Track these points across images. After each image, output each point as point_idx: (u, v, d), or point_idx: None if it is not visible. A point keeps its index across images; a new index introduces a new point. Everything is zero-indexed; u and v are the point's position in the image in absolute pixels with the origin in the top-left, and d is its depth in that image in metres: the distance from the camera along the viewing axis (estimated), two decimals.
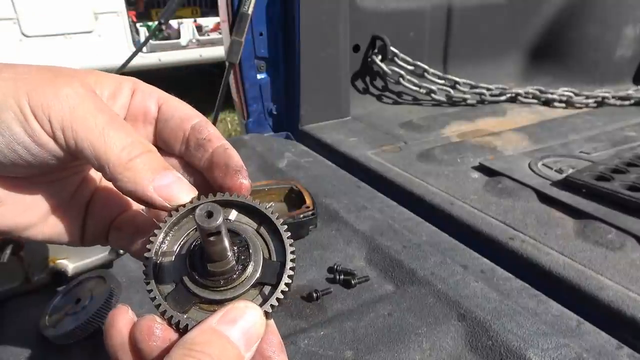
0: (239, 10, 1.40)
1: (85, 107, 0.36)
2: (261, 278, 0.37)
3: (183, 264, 0.37)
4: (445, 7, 1.78)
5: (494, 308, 0.71)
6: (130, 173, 0.36)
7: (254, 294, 0.37)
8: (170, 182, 0.38)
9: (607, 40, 1.89)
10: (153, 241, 0.37)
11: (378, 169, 1.23)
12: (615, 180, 1.02)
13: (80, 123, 0.36)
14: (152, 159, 0.38)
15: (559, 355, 0.63)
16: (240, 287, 0.36)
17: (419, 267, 0.81)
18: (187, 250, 0.37)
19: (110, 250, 0.80)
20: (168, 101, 0.44)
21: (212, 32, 4.75)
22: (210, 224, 0.31)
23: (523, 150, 1.29)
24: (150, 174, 0.37)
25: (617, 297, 0.74)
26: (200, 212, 0.32)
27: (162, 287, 0.37)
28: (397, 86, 1.78)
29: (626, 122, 1.52)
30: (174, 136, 0.43)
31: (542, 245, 0.88)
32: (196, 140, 0.42)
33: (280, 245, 0.38)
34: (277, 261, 0.37)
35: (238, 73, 1.53)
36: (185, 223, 0.39)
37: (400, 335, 0.68)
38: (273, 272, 0.37)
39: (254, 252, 0.37)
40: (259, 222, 0.39)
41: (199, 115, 0.44)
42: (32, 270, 0.74)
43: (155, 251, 0.37)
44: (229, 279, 0.36)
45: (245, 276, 0.36)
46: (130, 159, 0.36)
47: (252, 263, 0.37)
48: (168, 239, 0.38)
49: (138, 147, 0.37)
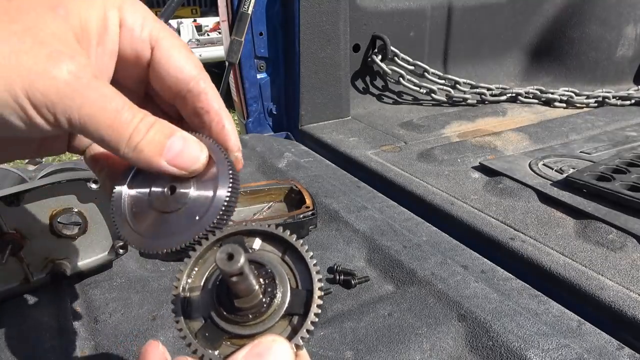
0: (238, 10, 1.39)
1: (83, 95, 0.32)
2: (290, 309, 0.36)
3: (210, 298, 0.37)
4: (445, 6, 1.78)
5: (494, 308, 0.71)
6: (141, 155, 0.35)
7: (284, 326, 0.36)
8: (180, 150, 0.36)
9: (607, 40, 1.89)
10: (179, 277, 0.37)
11: (378, 169, 1.22)
12: (616, 181, 1.02)
13: (85, 113, 0.33)
14: (156, 132, 0.36)
15: (560, 355, 0.63)
16: (269, 320, 0.36)
17: (419, 268, 0.81)
18: (213, 285, 0.37)
19: (110, 250, 0.80)
20: (160, 42, 0.38)
21: (211, 31, 4.76)
22: (232, 267, 0.31)
23: (523, 150, 1.29)
24: (159, 149, 0.36)
25: (617, 298, 0.74)
26: (221, 255, 0.31)
27: (191, 324, 0.36)
28: (397, 86, 1.78)
29: (627, 122, 1.52)
30: (167, 93, 0.40)
31: (543, 246, 0.88)
32: (193, 107, 0.40)
33: (306, 272, 0.37)
34: (304, 289, 0.37)
35: (238, 73, 1.53)
36: (209, 256, 0.39)
37: (401, 335, 0.68)
38: (301, 301, 0.36)
39: (280, 282, 0.37)
40: (284, 250, 0.39)
41: (196, 68, 0.39)
42: (31, 270, 0.74)
43: (183, 287, 0.37)
44: (257, 312, 0.35)
45: (273, 308, 0.36)
46: (137, 143, 0.35)
47: (280, 294, 0.36)
48: (194, 274, 0.38)
49: (141, 128, 0.35)
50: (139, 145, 0.35)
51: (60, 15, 0.33)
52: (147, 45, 0.38)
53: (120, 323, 0.71)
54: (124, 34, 0.37)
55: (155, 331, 0.69)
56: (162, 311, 0.73)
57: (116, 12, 0.36)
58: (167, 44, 0.38)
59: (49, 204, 0.72)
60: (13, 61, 0.30)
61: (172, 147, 0.36)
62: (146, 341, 0.42)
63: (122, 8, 0.37)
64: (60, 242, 0.75)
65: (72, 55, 0.32)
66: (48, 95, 0.31)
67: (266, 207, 1.04)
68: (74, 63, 0.32)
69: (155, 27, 0.38)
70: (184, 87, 0.39)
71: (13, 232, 0.70)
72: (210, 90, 0.39)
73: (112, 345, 0.67)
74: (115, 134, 0.34)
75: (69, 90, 0.31)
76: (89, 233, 0.76)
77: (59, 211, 0.73)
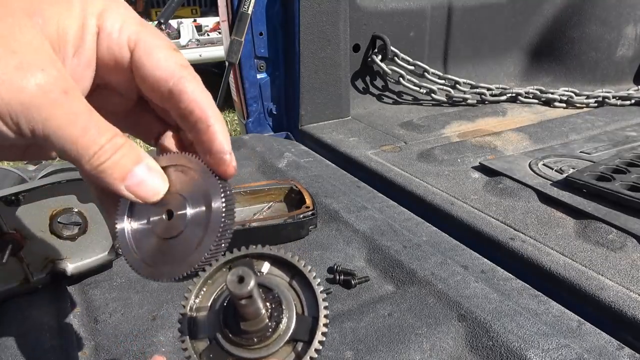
0: (238, 10, 1.39)
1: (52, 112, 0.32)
2: (294, 334, 0.36)
3: (217, 319, 0.37)
4: (445, 6, 1.78)
5: (494, 308, 0.71)
6: (102, 175, 0.35)
7: (288, 351, 0.36)
8: (141, 180, 0.36)
9: (607, 40, 1.89)
10: (187, 297, 0.37)
11: (378, 169, 1.22)
12: (616, 181, 1.02)
13: (50, 127, 0.32)
14: (122, 156, 0.35)
15: (560, 355, 0.63)
16: (274, 345, 0.36)
17: (419, 268, 0.81)
18: (220, 306, 0.37)
19: (110, 250, 0.80)
20: (139, 43, 0.37)
21: (211, 31, 4.75)
22: (242, 289, 0.31)
23: (523, 150, 1.29)
24: (122, 174, 0.35)
25: (617, 298, 0.74)
26: (232, 277, 0.32)
27: (196, 344, 0.37)
28: (397, 86, 1.78)
29: (627, 122, 1.52)
30: (153, 96, 0.38)
31: (543, 246, 0.88)
32: (176, 108, 0.38)
33: (313, 299, 0.38)
34: (310, 316, 0.37)
35: (238, 73, 1.53)
36: (218, 277, 0.39)
37: (401, 335, 0.68)
38: (306, 328, 0.36)
39: (286, 307, 0.37)
40: (292, 275, 0.39)
41: (176, 65, 0.37)
42: (31, 270, 0.74)
43: (190, 307, 0.37)
44: (262, 336, 0.36)
45: (278, 333, 0.36)
46: (100, 164, 0.34)
47: (285, 319, 0.37)
48: (202, 294, 0.38)
49: (107, 148, 0.34)
50: (102, 165, 0.34)
51: (38, 24, 0.32)
52: (125, 48, 0.37)
53: (120, 323, 0.71)
54: (102, 40, 0.36)
55: (155, 331, 0.69)
56: (162, 311, 0.73)
57: (94, 19, 0.35)
58: (146, 44, 0.37)
59: (49, 204, 0.72)
60: None
61: (135, 174, 0.36)
62: (146, 341, 0.42)
63: (102, 14, 0.36)
64: (60, 242, 0.75)
65: (43, 67, 0.31)
66: (12, 105, 0.30)
67: (266, 207, 1.04)
68: (43, 76, 0.31)
69: (134, 30, 0.37)
70: (164, 87, 0.37)
71: (13, 232, 0.70)
72: (192, 88, 0.37)
73: (112, 345, 0.67)
74: (79, 150, 0.33)
75: (34, 103, 0.31)
76: (89, 233, 0.76)
77: (59, 211, 0.73)
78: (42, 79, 0.31)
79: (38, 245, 0.73)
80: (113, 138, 0.34)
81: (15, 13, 0.32)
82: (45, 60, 0.32)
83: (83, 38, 0.35)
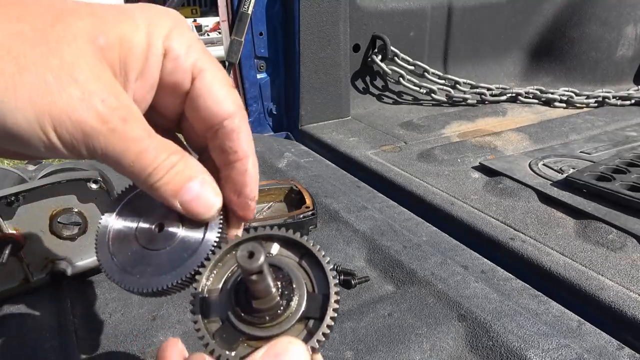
0: (238, 10, 1.39)
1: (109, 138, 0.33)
2: (306, 312, 0.37)
3: (228, 299, 0.37)
4: (445, 6, 1.78)
5: (494, 308, 0.71)
6: (156, 192, 0.36)
7: (300, 329, 0.36)
8: (195, 196, 0.37)
9: (608, 40, 1.89)
10: (199, 279, 0.38)
11: (378, 169, 1.22)
12: (616, 181, 1.02)
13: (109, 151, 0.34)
14: (176, 173, 0.36)
15: (560, 355, 0.63)
16: (286, 323, 0.36)
17: (419, 268, 0.81)
18: (232, 286, 0.38)
19: None
20: (203, 74, 0.37)
21: (211, 31, 4.76)
22: (252, 264, 0.32)
23: (523, 150, 1.29)
24: (175, 191, 0.37)
25: (618, 298, 0.74)
26: (242, 252, 0.32)
27: (209, 324, 0.37)
28: (397, 86, 1.78)
29: (627, 122, 1.52)
30: (199, 124, 0.39)
31: (543, 246, 0.88)
32: (222, 143, 0.39)
33: (323, 277, 0.38)
34: (320, 294, 0.37)
35: (238, 73, 1.53)
36: (229, 259, 0.39)
37: (401, 335, 0.68)
38: (317, 305, 0.37)
39: (297, 286, 0.37)
40: (301, 255, 0.40)
41: (234, 105, 0.38)
42: (31, 270, 0.74)
43: (202, 288, 0.38)
44: (274, 314, 0.36)
45: (290, 311, 0.36)
46: (154, 182, 0.36)
47: (296, 297, 0.37)
48: (213, 276, 0.39)
49: (162, 167, 0.36)
50: (156, 183, 0.36)
51: (99, 47, 0.33)
52: (189, 75, 0.37)
53: (120, 323, 0.71)
54: (167, 63, 0.36)
55: (155, 331, 0.69)
56: (162, 311, 0.73)
57: (161, 41, 0.36)
58: (210, 76, 0.37)
59: (49, 204, 0.72)
60: (47, 99, 0.31)
61: (188, 190, 0.37)
62: (146, 341, 0.42)
63: (169, 36, 0.36)
64: (60, 242, 0.75)
65: (103, 97, 0.32)
66: (74, 134, 0.32)
67: (266, 207, 1.04)
68: (103, 107, 0.32)
69: (199, 57, 0.37)
70: (218, 122, 0.38)
71: (13, 232, 0.70)
72: (243, 130, 0.39)
73: (112, 345, 0.67)
74: (134, 171, 0.35)
75: (94, 133, 0.32)
76: (89, 233, 0.76)
77: (59, 211, 0.73)
78: (102, 109, 0.32)
79: (38, 245, 0.73)
80: (169, 156, 0.36)
81: (78, 38, 0.32)
82: (105, 89, 0.33)
83: (148, 59, 0.35)
